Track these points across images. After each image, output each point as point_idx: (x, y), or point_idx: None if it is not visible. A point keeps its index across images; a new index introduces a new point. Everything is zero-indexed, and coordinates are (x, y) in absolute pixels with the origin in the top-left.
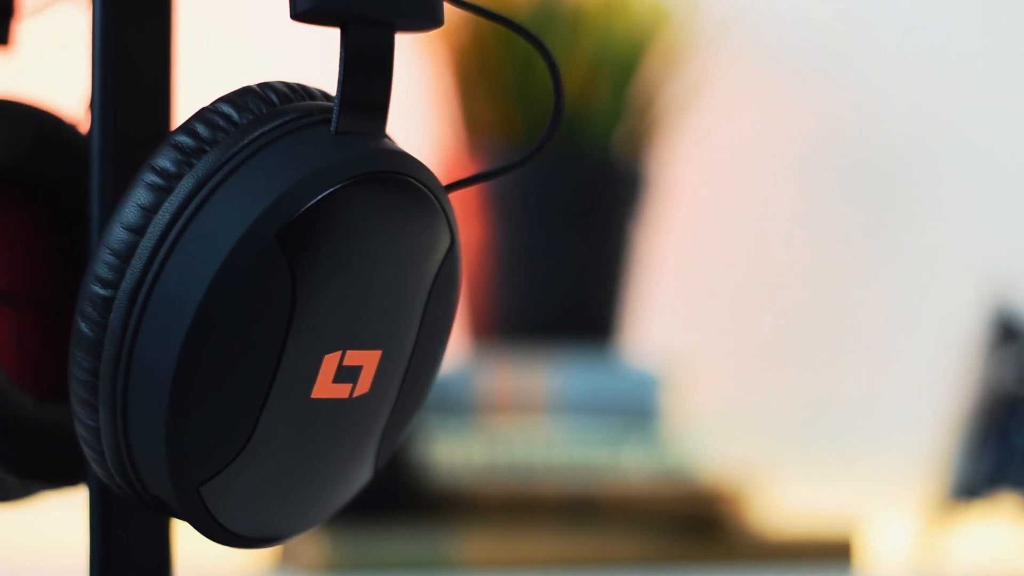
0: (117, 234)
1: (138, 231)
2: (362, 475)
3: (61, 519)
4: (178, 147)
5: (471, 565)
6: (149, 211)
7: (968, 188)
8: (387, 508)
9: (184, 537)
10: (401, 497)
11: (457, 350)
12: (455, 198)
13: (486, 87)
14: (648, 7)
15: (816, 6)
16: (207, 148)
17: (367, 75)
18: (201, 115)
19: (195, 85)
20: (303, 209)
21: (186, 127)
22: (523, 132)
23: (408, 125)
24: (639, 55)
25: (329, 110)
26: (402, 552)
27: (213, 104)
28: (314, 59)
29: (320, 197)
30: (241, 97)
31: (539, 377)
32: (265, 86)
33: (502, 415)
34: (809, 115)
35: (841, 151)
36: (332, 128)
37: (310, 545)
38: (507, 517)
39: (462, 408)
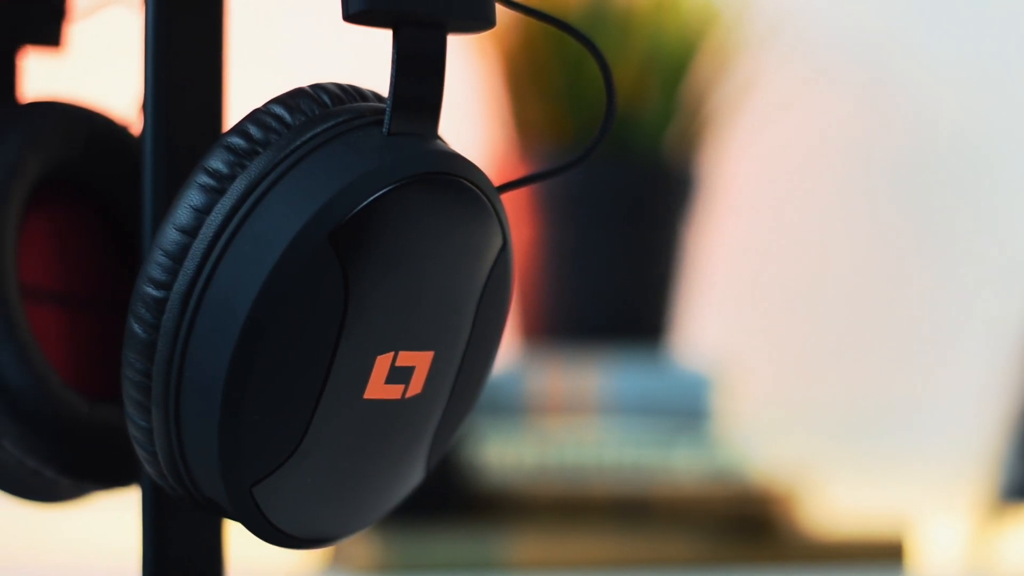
0: (170, 235)
1: (191, 232)
2: (414, 476)
3: (113, 520)
4: (230, 148)
5: (522, 566)
6: (202, 212)
7: (1016, 188)
8: (438, 509)
9: (235, 537)
10: (452, 498)
11: (508, 351)
12: (506, 199)
13: (536, 89)
14: (699, 7)
15: (864, 8)
16: (259, 150)
17: (419, 76)
18: (253, 117)
19: (246, 87)
20: (355, 210)
21: (238, 129)
22: (573, 134)
23: (458, 127)
24: (690, 55)
25: (381, 111)
26: (453, 553)
27: (265, 106)
28: (366, 60)
29: (372, 198)
30: (293, 99)
31: (590, 378)
32: (317, 87)
33: (553, 416)
34: (857, 115)
35: (889, 151)
36: (384, 129)
37: (361, 546)
38: (558, 518)
39: (513, 409)
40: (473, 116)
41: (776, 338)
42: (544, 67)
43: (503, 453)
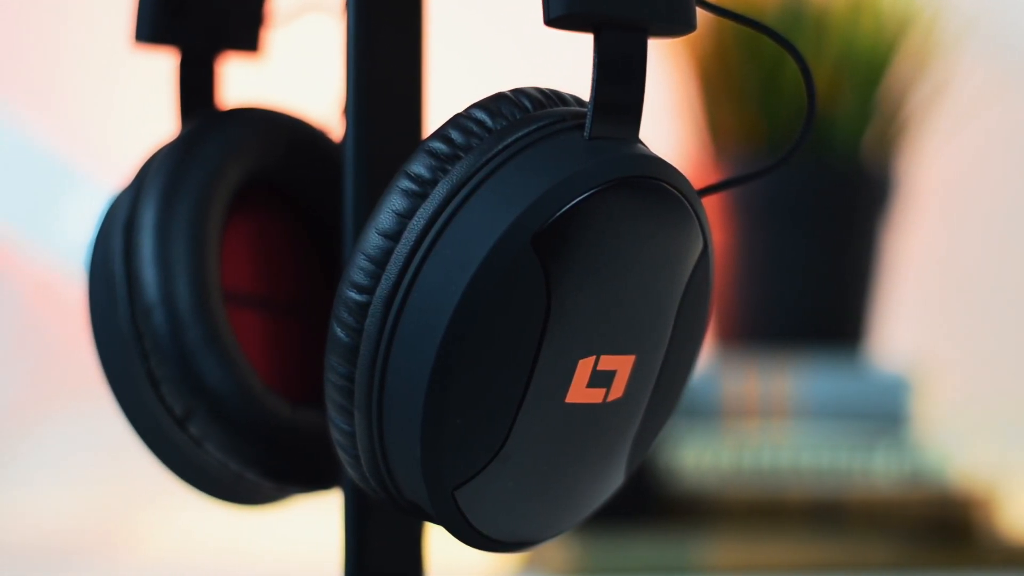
0: (373, 240)
1: (393, 237)
2: (614, 481)
3: (315, 523)
4: (433, 153)
5: (717, 570)
6: (404, 217)
7: None
8: (633, 512)
9: (432, 539)
10: (647, 502)
11: (704, 354)
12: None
13: (729, 93)
14: (896, 8)
15: None
16: (462, 154)
17: (620, 80)
18: (455, 121)
19: (446, 92)
20: (558, 214)
21: (440, 133)
22: (766, 137)
23: (651, 131)
24: (887, 57)
25: (582, 115)
26: (648, 557)
27: (467, 110)
28: (566, 64)
29: (575, 202)
30: (495, 103)
31: (786, 382)
32: (518, 92)
33: (749, 420)
34: None
35: None
36: (586, 133)
37: (557, 549)
38: (753, 522)
39: (709, 413)
40: (666, 120)
41: (973, 340)
42: (737, 71)
43: (699, 457)
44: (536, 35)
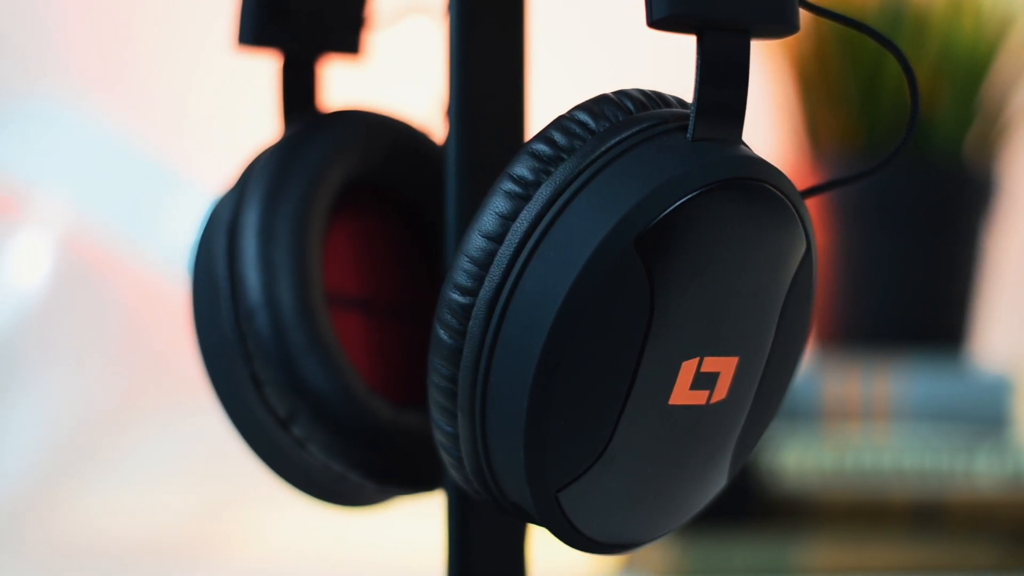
0: (476, 242)
1: (497, 239)
2: (717, 483)
3: (417, 524)
4: (536, 155)
5: (818, 572)
6: (507, 219)
7: None
8: (734, 514)
9: (533, 539)
10: (748, 503)
11: (805, 356)
12: None
13: (828, 94)
14: (997, 6)
15: None
16: (564, 156)
17: (723, 82)
18: (558, 123)
19: (548, 93)
20: (661, 216)
21: (543, 135)
22: (864, 139)
23: (748, 132)
24: (988, 56)
25: (685, 117)
26: (749, 559)
27: (570, 112)
28: (669, 65)
29: (678, 204)
30: (597, 105)
31: (887, 383)
32: (621, 94)
33: (850, 421)
34: None
35: None
36: (688, 135)
37: (657, 550)
38: (854, 524)
39: (810, 414)
40: (763, 122)
41: None
42: (836, 72)
43: (800, 459)
44: (639, 37)
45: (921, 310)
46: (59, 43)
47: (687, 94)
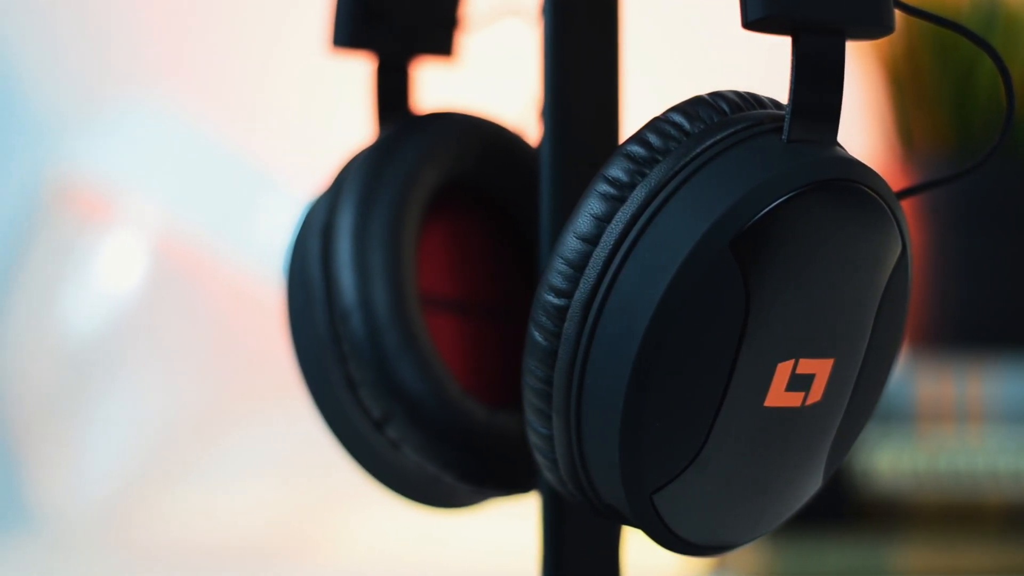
0: (571, 244)
1: (591, 241)
2: (811, 485)
3: (511, 526)
4: (630, 157)
5: (911, 575)
6: (602, 221)
7: None
8: (827, 516)
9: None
10: (841, 505)
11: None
12: None
13: (920, 95)
14: None
15: None
16: (659, 158)
17: (819, 83)
18: (653, 125)
19: (643, 95)
20: (756, 217)
21: (638, 137)
22: (956, 140)
23: (841, 134)
24: None
25: (780, 119)
26: (841, 561)
27: (664, 114)
28: (763, 67)
29: (773, 205)
30: (692, 107)
31: (981, 385)
32: (716, 95)
33: (944, 424)
34: None
35: None
36: (784, 136)
37: (749, 552)
38: (948, 526)
39: (903, 416)
40: (855, 123)
41: None
42: (928, 74)
43: (894, 461)
44: (734, 38)
45: (1015, 311)
46: (153, 46)
47: (782, 96)
